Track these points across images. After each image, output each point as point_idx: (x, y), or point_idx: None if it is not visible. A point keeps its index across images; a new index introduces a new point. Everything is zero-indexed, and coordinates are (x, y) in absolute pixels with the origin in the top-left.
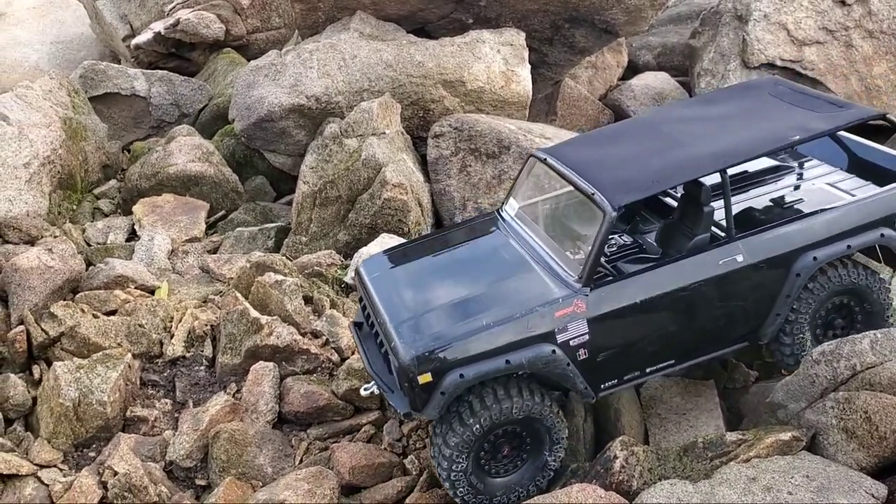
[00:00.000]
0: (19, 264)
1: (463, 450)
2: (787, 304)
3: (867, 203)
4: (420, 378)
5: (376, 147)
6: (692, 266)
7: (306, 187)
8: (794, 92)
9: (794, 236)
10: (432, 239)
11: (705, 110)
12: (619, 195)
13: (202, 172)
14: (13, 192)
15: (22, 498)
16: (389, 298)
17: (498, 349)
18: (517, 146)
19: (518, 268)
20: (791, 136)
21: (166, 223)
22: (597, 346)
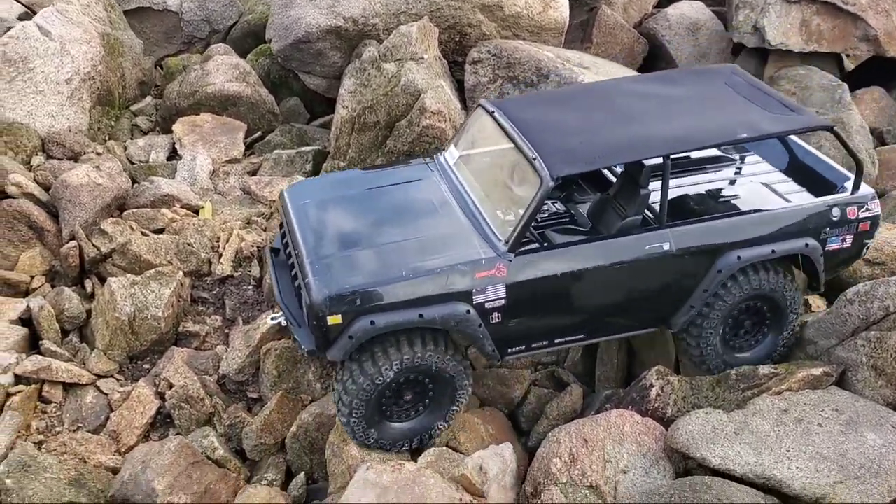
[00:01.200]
0: (69, 181)
1: (364, 396)
2: (702, 297)
3: (797, 211)
4: (329, 319)
5: (415, 73)
6: (618, 247)
7: (345, 112)
8: (749, 85)
9: (722, 232)
10: (367, 172)
11: (661, 89)
12: (559, 165)
13: (239, 93)
14: (55, 108)
15: (83, 406)
16: (311, 231)
17: (413, 301)
18: (556, 75)
19: (447, 220)
20: (739, 133)
21: (206, 143)
22: (511, 311)
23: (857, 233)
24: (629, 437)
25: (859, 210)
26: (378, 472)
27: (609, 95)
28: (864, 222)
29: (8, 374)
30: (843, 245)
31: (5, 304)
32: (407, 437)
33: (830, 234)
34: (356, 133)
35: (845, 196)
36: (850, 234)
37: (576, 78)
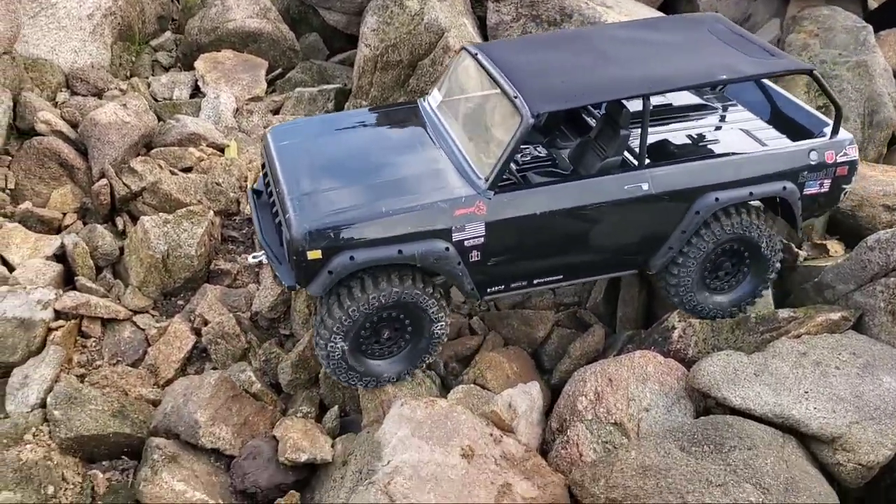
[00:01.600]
0: (98, 119)
1: (340, 331)
2: (681, 239)
3: (775, 155)
4: (309, 254)
5: (438, 11)
6: (597, 187)
7: (368, 51)
8: (731, 32)
9: (700, 174)
10: (352, 114)
11: (644, 34)
12: (539, 102)
13: (260, 29)
14: (77, 44)
15: (121, 340)
16: (293, 169)
17: (392, 238)
18: (579, 14)
19: (428, 159)
20: (718, 75)
21: (229, 80)
22: (490, 250)
23: (835, 177)
24: (652, 376)
25: (837, 154)
26: (412, 407)
27: (593, 40)
28: (841, 167)
29: (48, 309)
30: (820, 189)
31: (41, 241)
32: (384, 374)
33: (808, 178)
34: (379, 72)
35: (823, 140)
36: (828, 178)
37: (599, 17)
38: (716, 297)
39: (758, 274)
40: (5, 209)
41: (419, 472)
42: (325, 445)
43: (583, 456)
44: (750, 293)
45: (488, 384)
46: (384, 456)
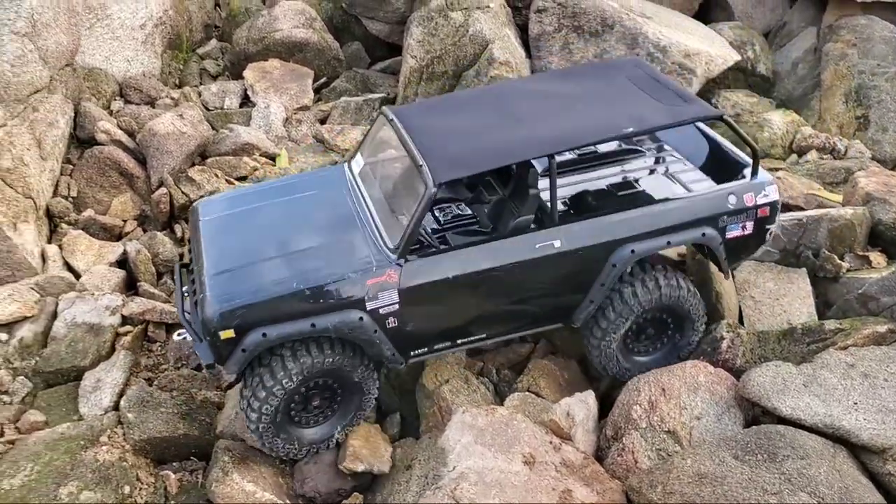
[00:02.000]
0: (156, 129)
1: (267, 409)
2: (601, 291)
3: (692, 201)
4: (222, 333)
5: (482, 22)
6: (508, 247)
7: (413, 62)
8: (649, 78)
9: (615, 227)
10: (278, 184)
11: (557, 86)
12: (442, 171)
13: (306, 39)
14: (131, 53)
15: (185, 345)
16: (213, 246)
17: (305, 311)
18: (620, 25)
19: (344, 228)
20: (625, 128)
21: (277, 90)
22: (407, 316)
23: (757, 219)
24: (703, 386)
25: (756, 196)
26: (473, 415)
27: (505, 97)
28: (762, 208)
29: (116, 314)
30: (743, 232)
31: (104, 248)
32: (317, 441)
33: (729, 221)
34: (424, 82)
35: (741, 183)
36: (750, 220)
37: (639, 29)
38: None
39: (685, 332)
40: (69, 217)
41: (484, 478)
42: (384, 455)
43: (638, 463)
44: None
45: (542, 392)
46: (449, 462)
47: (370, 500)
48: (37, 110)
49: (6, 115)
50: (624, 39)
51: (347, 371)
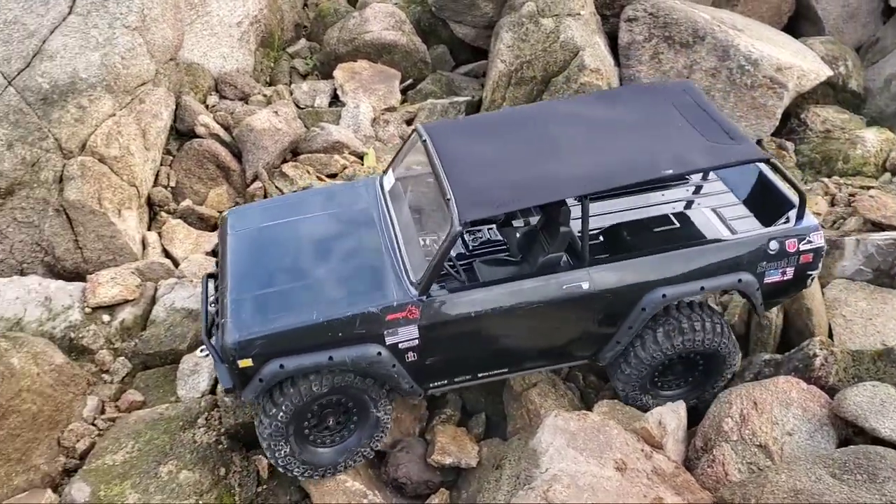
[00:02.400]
0: (254, 125)
1: (280, 431)
2: (628, 334)
3: (730, 245)
4: (240, 362)
5: (574, 30)
6: (534, 287)
7: (503, 66)
8: (696, 107)
9: (647, 270)
10: (309, 195)
11: (600, 111)
12: (468, 209)
13: (395, 41)
14: (227, 50)
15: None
16: (238, 265)
17: (323, 344)
18: (712, 37)
19: (369, 255)
20: (664, 170)
21: (366, 91)
22: (427, 350)
23: (799, 265)
24: (796, 402)
25: (800, 242)
26: (566, 419)
27: (545, 121)
28: (805, 255)
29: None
30: (783, 278)
31: (201, 237)
32: (333, 462)
33: (768, 267)
34: (512, 87)
35: (785, 228)
36: (791, 266)
37: (731, 41)
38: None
39: (714, 371)
40: (168, 206)
41: (577, 482)
42: (471, 451)
43: (728, 475)
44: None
45: None
46: (542, 463)
47: (455, 497)
48: (143, 102)
49: (115, 106)
50: (715, 51)
51: (357, 389)
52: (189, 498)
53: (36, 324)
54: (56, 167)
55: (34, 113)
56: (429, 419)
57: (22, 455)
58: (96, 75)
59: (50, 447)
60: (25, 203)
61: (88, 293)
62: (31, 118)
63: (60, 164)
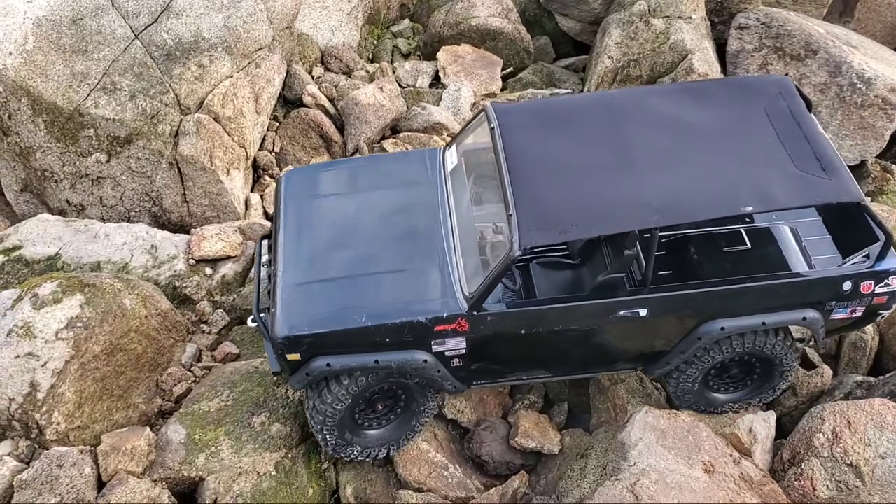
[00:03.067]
0: (359, 99)
1: (331, 417)
2: (679, 357)
3: (802, 283)
4: (288, 356)
5: (684, 32)
6: (589, 310)
7: (609, 62)
8: (791, 116)
9: (707, 303)
10: (371, 164)
11: (685, 109)
12: (530, 233)
13: (501, 28)
14: (335, 23)
15: None
16: (292, 242)
17: (371, 346)
18: (825, 52)
19: (424, 253)
20: (743, 206)
21: (468, 75)
22: (473, 358)
23: (871, 305)
24: (890, 426)
25: (876, 285)
26: (656, 416)
27: (620, 114)
28: (879, 297)
29: None
30: (850, 315)
31: None
32: (381, 444)
33: (837, 306)
34: (617, 83)
35: (862, 268)
36: (862, 307)
37: (845, 57)
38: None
39: (769, 380)
40: (272, 170)
41: (665, 479)
42: (553, 438)
43: (816, 490)
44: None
45: None
46: (630, 457)
47: (534, 481)
48: (258, 66)
49: (233, 68)
50: (826, 66)
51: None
52: (280, 450)
53: (141, 270)
54: (173, 122)
55: (157, 67)
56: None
57: (123, 392)
58: (218, 36)
59: (149, 388)
60: (141, 153)
61: (193, 245)
62: (154, 72)
63: (178, 120)
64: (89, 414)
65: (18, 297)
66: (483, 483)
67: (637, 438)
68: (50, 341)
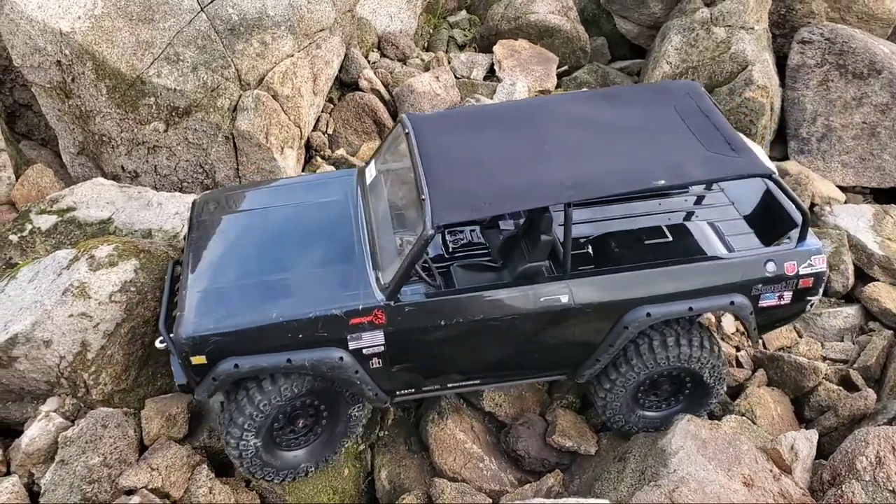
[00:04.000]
0: (415, 86)
1: (248, 430)
2: (608, 352)
3: (725, 265)
4: (193, 359)
5: (746, 42)
6: (510, 297)
7: (667, 67)
8: (700, 112)
9: (631, 287)
10: (286, 185)
11: (598, 111)
12: (443, 212)
13: (559, 26)
14: (394, 10)
15: None
16: (201, 256)
17: (282, 345)
18: (889, 72)
19: (339, 253)
20: (656, 180)
21: (524, 70)
22: (394, 357)
23: (797, 290)
24: None
25: (800, 265)
26: (697, 426)
27: (539, 119)
28: (805, 279)
29: None
30: (780, 302)
31: None
32: (302, 464)
33: (764, 290)
34: None
35: (783, 249)
36: (789, 290)
37: None
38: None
39: (703, 394)
40: (324, 151)
41: (704, 488)
42: (591, 440)
43: None
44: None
45: (757, 420)
46: (670, 464)
47: (568, 481)
48: (319, 47)
49: (295, 47)
50: (890, 87)
51: (336, 390)
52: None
53: None
54: (233, 96)
55: (220, 41)
56: (549, 401)
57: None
58: (282, 15)
59: None
60: (199, 125)
61: None
62: (217, 46)
63: (237, 95)
64: (135, 377)
65: (75, 257)
66: (517, 478)
67: (678, 446)
68: (104, 303)
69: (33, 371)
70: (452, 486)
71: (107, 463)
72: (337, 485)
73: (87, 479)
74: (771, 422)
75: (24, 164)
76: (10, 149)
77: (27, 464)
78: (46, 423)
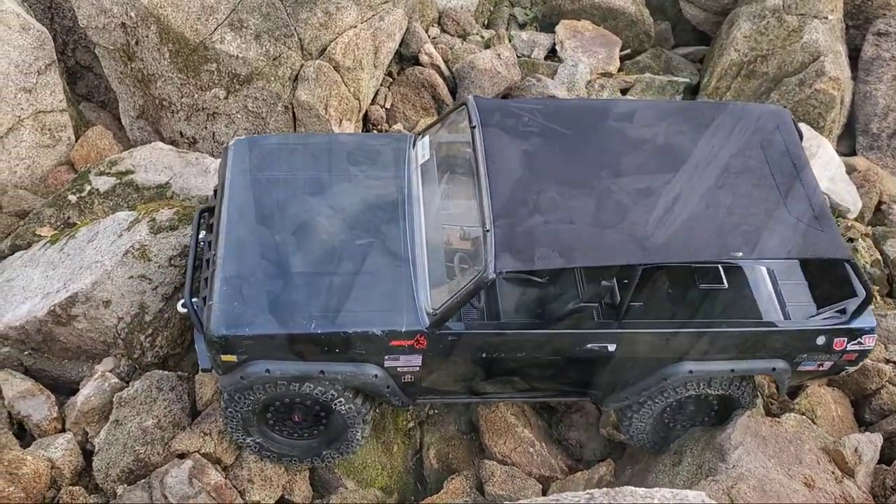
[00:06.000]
0: (476, 63)
1: (244, 415)
2: (640, 394)
3: (772, 333)
4: (223, 356)
5: (819, 32)
6: (556, 339)
7: (735, 55)
8: (787, 154)
9: (677, 345)
10: (335, 143)
11: (682, 136)
12: (507, 256)
13: (624, 8)
14: None
15: None
16: (235, 225)
17: (317, 355)
18: None
19: (384, 256)
20: (734, 251)
21: (586, 51)
22: (426, 375)
23: (839, 361)
24: None
25: (849, 342)
26: (758, 422)
27: (616, 130)
28: (850, 354)
29: None
30: (818, 368)
31: None
32: (294, 453)
33: (807, 358)
34: (741, 78)
35: (837, 324)
36: (831, 361)
37: None
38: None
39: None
40: (381, 125)
41: (763, 486)
42: None
43: None
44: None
45: (816, 420)
46: (729, 460)
47: (619, 471)
48: (382, 20)
49: (358, 18)
50: None
51: (333, 407)
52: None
53: None
54: (294, 66)
55: (285, 10)
56: None
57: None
58: None
59: None
60: (259, 94)
61: None
62: (281, 14)
63: (298, 64)
64: (191, 342)
65: (136, 219)
66: (567, 465)
67: (737, 442)
68: (163, 266)
69: (91, 331)
70: (502, 469)
71: (160, 425)
72: (385, 460)
73: (141, 441)
74: (831, 423)
75: (83, 126)
76: (70, 109)
77: (81, 422)
78: (102, 383)
